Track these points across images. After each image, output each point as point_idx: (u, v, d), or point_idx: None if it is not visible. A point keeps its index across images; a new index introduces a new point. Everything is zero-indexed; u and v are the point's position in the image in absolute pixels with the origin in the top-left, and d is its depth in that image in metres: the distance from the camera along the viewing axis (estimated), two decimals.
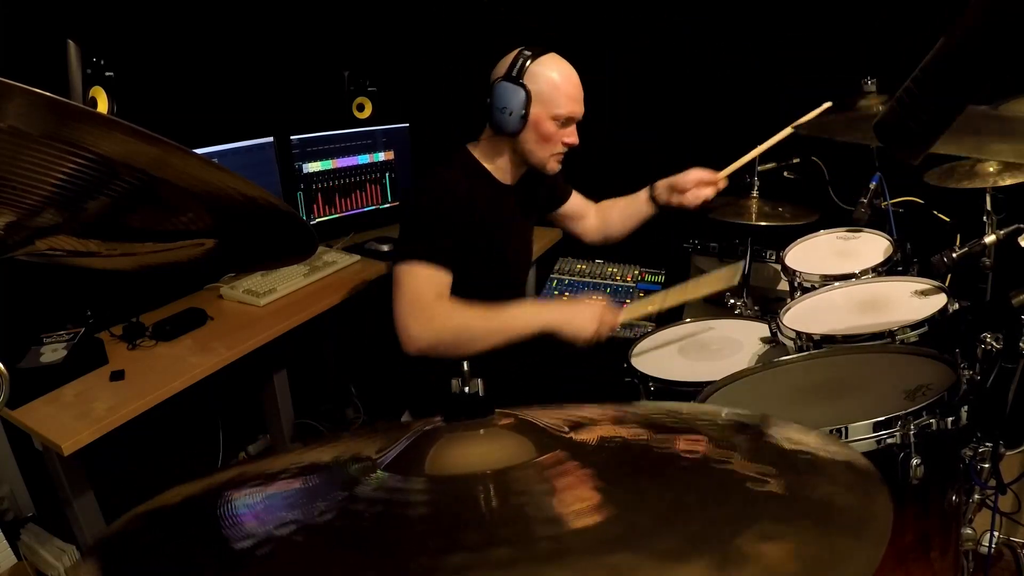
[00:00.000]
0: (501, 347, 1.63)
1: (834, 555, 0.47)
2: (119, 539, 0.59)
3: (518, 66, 1.69)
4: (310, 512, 0.57)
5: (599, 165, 2.88)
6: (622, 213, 2.13)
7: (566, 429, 0.66)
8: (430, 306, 1.63)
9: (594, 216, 2.20)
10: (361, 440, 0.72)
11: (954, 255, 1.58)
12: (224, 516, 0.58)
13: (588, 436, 0.66)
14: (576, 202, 2.17)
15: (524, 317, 1.67)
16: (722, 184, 1.93)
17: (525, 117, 1.69)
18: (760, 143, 1.89)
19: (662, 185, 2.00)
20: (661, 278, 2.57)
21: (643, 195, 2.06)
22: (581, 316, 1.67)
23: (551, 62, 1.72)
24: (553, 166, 1.80)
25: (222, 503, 0.61)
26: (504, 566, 0.47)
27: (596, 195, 2.25)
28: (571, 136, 1.76)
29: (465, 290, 1.71)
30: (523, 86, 1.68)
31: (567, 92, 1.71)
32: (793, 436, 0.66)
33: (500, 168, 1.83)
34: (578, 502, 0.54)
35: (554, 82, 1.70)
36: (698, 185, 1.91)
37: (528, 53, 1.70)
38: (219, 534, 0.56)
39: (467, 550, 0.49)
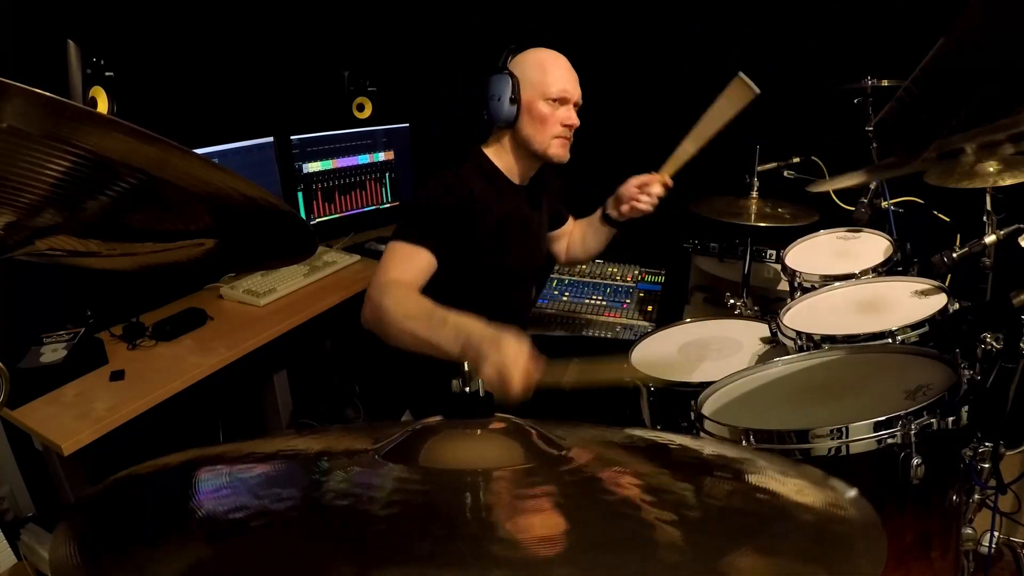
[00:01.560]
0: (424, 355, 1.38)
1: None
2: (96, 505, 0.60)
3: (503, 58, 1.74)
4: (288, 498, 0.58)
5: (594, 164, 2.88)
6: (581, 236, 2.11)
7: (559, 443, 0.66)
8: (389, 284, 1.54)
9: (571, 233, 2.17)
10: (352, 434, 0.73)
11: (954, 255, 1.58)
12: (205, 492, 0.59)
13: (577, 454, 0.65)
14: (568, 225, 2.17)
15: (439, 335, 1.36)
16: (667, 181, 1.85)
17: (516, 101, 1.70)
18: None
19: (610, 201, 1.96)
20: (661, 278, 2.57)
21: (595, 216, 2.03)
22: (501, 347, 1.21)
23: (536, 50, 1.76)
24: (557, 151, 1.76)
25: (205, 478, 0.61)
26: (499, 566, 0.47)
27: (590, 197, 2.25)
28: (569, 117, 1.75)
29: (472, 289, 1.71)
30: (509, 72, 1.71)
31: (555, 73, 1.73)
32: (780, 478, 0.65)
33: (510, 166, 1.82)
34: (552, 516, 0.54)
35: (540, 64, 1.73)
36: (642, 189, 1.86)
37: (513, 47, 1.75)
38: (198, 509, 0.57)
39: (457, 549, 0.49)
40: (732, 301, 2.17)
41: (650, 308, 2.36)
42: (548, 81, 1.72)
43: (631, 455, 0.72)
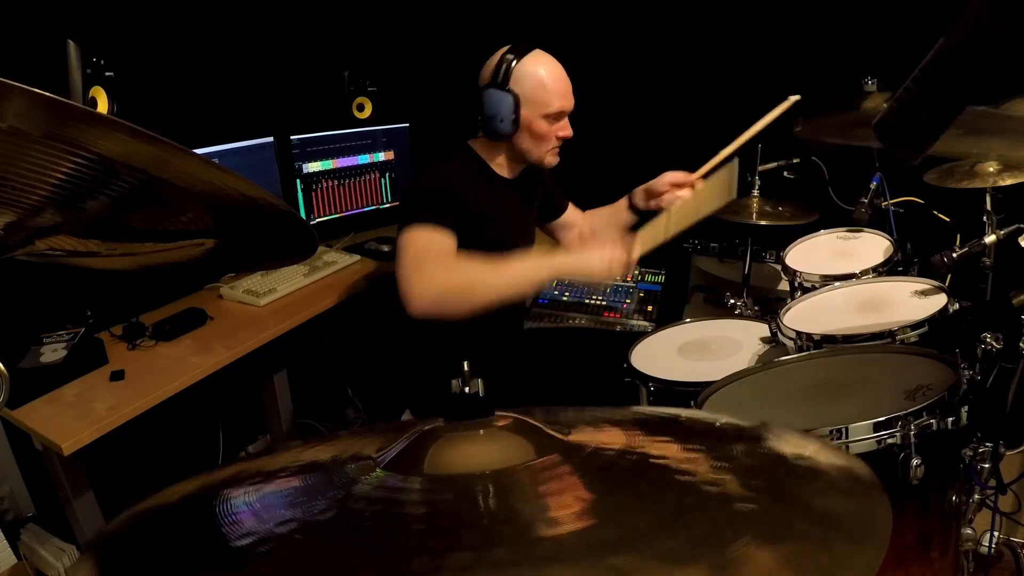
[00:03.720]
0: (508, 300, 1.60)
1: (833, 560, 0.47)
2: (117, 537, 0.59)
3: (503, 71, 1.68)
4: (309, 510, 0.57)
5: (592, 165, 2.89)
6: (606, 223, 2.13)
7: (566, 432, 0.66)
8: (432, 263, 1.57)
9: (581, 225, 2.21)
10: (360, 439, 0.72)
11: (954, 255, 1.58)
12: (222, 514, 0.58)
13: (587, 439, 0.66)
14: (570, 214, 2.19)
15: (532, 266, 1.63)
16: (698, 184, 1.89)
17: (516, 121, 1.69)
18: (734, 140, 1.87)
19: (639, 191, 2.00)
20: (661, 278, 2.56)
21: (623, 203, 2.06)
22: (591, 260, 1.62)
23: (535, 61, 1.70)
24: (550, 160, 1.80)
25: (220, 501, 0.61)
26: (504, 567, 0.47)
27: (587, 196, 2.25)
28: (564, 129, 1.76)
29: None
30: (510, 91, 1.67)
31: (554, 89, 1.70)
32: (792, 443, 0.66)
33: (500, 164, 1.84)
34: (577, 504, 0.54)
35: (541, 81, 1.69)
36: (672, 187, 1.90)
37: (510, 57, 1.69)
38: (218, 532, 0.56)
39: (467, 550, 0.49)
40: (732, 301, 2.17)
41: (650, 308, 2.36)
42: (547, 99, 1.70)
43: (643, 433, 0.72)
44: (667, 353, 1.78)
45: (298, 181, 2.68)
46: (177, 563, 0.53)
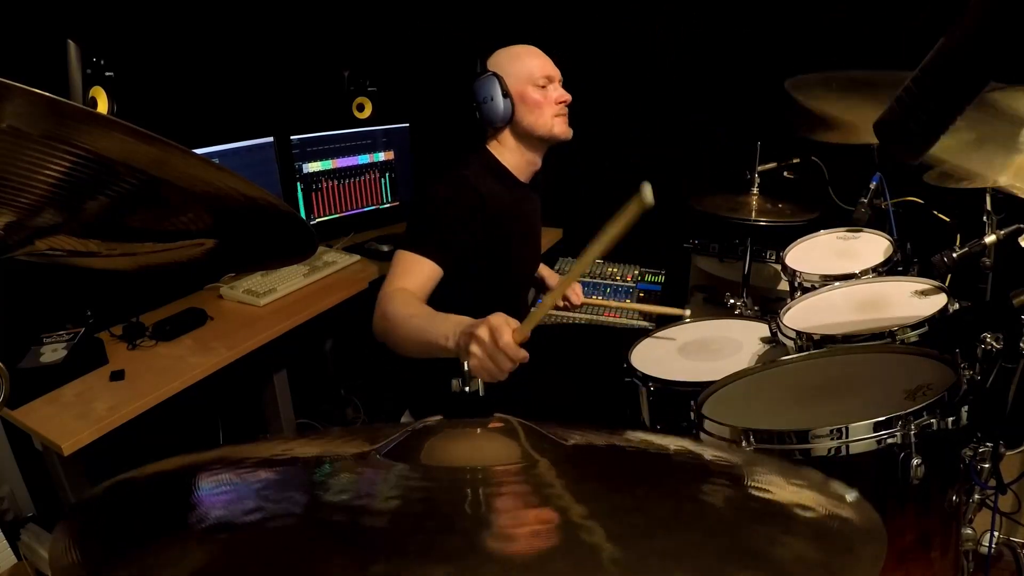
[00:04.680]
0: (421, 357, 1.43)
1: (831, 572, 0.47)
2: (94, 507, 0.60)
3: (479, 65, 1.81)
4: (284, 500, 0.58)
5: (587, 166, 2.89)
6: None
7: (565, 437, 0.66)
8: (396, 292, 1.55)
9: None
10: (348, 437, 0.72)
11: (954, 255, 1.58)
12: (203, 495, 0.59)
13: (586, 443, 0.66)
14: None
15: (437, 322, 1.39)
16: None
17: (508, 95, 1.76)
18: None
19: (541, 273, 2.21)
20: (661, 278, 2.57)
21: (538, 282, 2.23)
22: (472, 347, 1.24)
23: (507, 47, 1.83)
24: (561, 129, 1.82)
25: (203, 481, 0.61)
26: (498, 565, 0.47)
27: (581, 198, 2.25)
28: (561, 94, 1.81)
29: (474, 286, 1.72)
30: (491, 72, 1.77)
31: (533, 59, 1.80)
32: (781, 479, 0.65)
33: (515, 164, 1.86)
34: (564, 512, 0.54)
35: (517, 56, 1.80)
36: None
37: (480, 56, 1.83)
38: (196, 512, 0.56)
39: (455, 545, 0.49)
40: (732, 301, 2.17)
41: None
42: (530, 68, 1.78)
43: (625, 457, 0.72)
44: (667, 353, 1.78)
45: (298, 181, 2.69)
46: (153, 537, 0.53)
